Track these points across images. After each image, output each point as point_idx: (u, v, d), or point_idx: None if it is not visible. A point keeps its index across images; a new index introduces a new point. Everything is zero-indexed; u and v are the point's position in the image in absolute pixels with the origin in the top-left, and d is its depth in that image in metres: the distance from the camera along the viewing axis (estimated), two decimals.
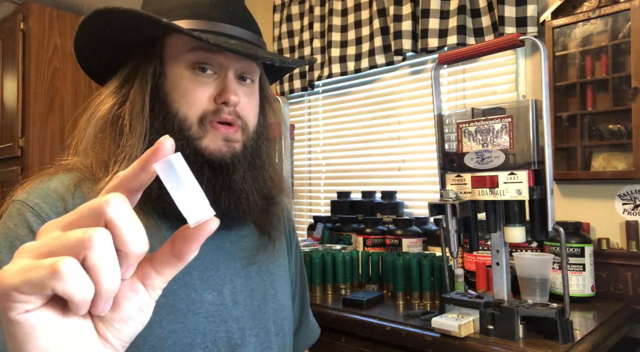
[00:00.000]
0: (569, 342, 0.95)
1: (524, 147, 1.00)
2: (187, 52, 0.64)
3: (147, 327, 0.59)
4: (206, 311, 0.64)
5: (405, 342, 1.07)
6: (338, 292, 1.40)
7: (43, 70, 2.49)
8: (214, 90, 0.65)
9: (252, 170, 0.69)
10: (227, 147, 0.65)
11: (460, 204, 1.03)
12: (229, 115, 0.64)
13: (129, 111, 0.64)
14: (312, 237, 1.84)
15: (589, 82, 1.45)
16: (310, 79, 2.21)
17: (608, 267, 1.36)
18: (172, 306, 0.62)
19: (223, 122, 0.65)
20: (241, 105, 0.66)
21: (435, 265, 1.28)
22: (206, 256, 0.67)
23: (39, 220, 0.58)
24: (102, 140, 0.65)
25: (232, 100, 0.64)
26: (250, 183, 0.68)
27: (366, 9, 2.02)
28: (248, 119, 0.68)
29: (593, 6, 1.44)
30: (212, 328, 0.64)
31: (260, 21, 2.66)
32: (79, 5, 2.73)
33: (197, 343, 0.62)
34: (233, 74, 0.66)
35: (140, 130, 0.63)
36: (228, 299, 0.67)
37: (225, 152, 0.65)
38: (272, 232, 0.75)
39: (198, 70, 0.64)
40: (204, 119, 0.64)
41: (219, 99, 0.64)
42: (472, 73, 1.79)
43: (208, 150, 0.64)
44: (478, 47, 1.12)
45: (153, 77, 0.65)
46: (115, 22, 0.62)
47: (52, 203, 0.60)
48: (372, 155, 2.11)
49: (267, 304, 0.72)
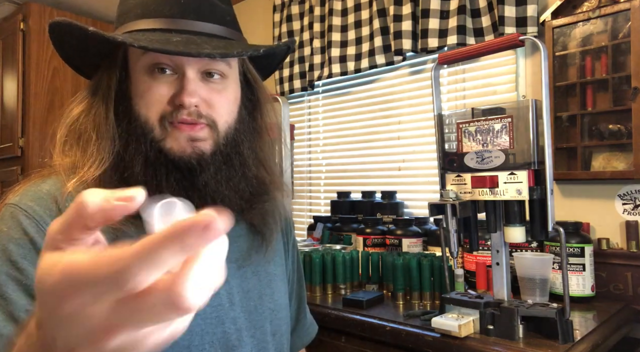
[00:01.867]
0: (569, 342, 0.95)
1: (524, 147, 1.00)
2: (142, 55, 0.62)
3: None
4: (203, 312, 0.64)
5: (405, 342, 1.07)
6: (338, 292, 1.40)
7: (43, 70, 2.49)
8: (172, 90, 0.63)
9: (228, 170, 0.66)
10: (192, 147, 0.63)
11: (460, 204, 1.03)
12: (188, 116, 0.62)
13: (94, 118, 0.64)
14: (312, 237, 1.84)
15: (589, 82, 1.45)
16: (310, 79, 2.21)
17: (608, 267, 1.36)
18: None
19: (184, 122, 0.63)
20: (207, 103, 0.64)
21: (435, 265, 1.28)
22: None
23: (32, 223, 0.58)
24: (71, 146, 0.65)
25: (186, 102, 0.61)
26: (225, 183, 0.66)
27: (366, 9, 2.02)
28: (217, 116, 0.65)
29: (593, 6, 1.44)
30: (209, 330, 0.64)
31: (260, 21, 2.63)
32: (79, 5, 2.73)
33: (195, 345, 0.62)
34: (195, 73, 0.63)
35: (107, 135, 0.63)
36: (224, 300, 0.67)
37: (190, 153, 0.63)
38: (265, 233, 0.74)
39: (157, 72, 0.62)
40: (163, 119, 0.62)
41: (175, 100, 0.62)
42: (472, 73, 1.79)
43: (172, 152, 0.63)
44: (478, 47, 1.12)
45: (118, 82, 0.65)
46: (72, 33, 0.62)
47: (46, 205, 0.60)
48: (372, 155, 2.11)
49: (263, 305, 0.72)
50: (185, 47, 0.58)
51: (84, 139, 0.64)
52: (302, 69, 2.24)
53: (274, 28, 2.40)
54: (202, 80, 0.64)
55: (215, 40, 0.64)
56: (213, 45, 0.62)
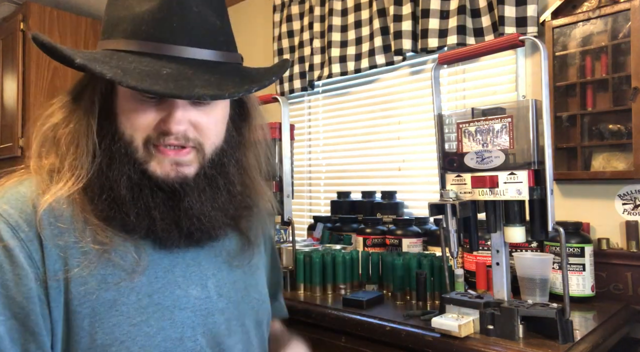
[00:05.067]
0: (569, 342, 0.95)
1: (524, 147, 1.00)
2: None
3: (135, 327, 0.60)
4: (192, 305, 0.66)
5: (405, 342, 1.07)
6: (338, 292, 1.40)
7: (43, 70, 2.49)
8: (159, 116, 0.61)
9: (212, 191, 0.66)
10: (176, 172, 0.63)
11: (460, 204, 1.03)
12: (175, 140, 0.61)
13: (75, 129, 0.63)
14: (312, 237, 1.84)
15: (589, 82, 1.45)
16: (310, 79, 2.21)
17: (608, 267, 1.36)
18: (157, 304, 0.63)
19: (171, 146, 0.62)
20: (195, 127, 0.63)
21: (435, 265, 1.28)
22: (186, 254, 0.68)
23: (7, 227, 0.57)
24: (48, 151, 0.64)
25: (173, 130, 0.60)
26: (209, 204, 0.65)
27: (366, 9, 2.02)
28: (204, 138, 0.64)
29: (593, 6, 1.44)
30: (199, 321, 0.66)
31: (260, 21, 2.63)
32: (79, 5, 2.73)
33: (187, 337, 0.64)
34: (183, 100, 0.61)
35: (87, 149, 0.62)
36: (212, 293, 0.69)
37: (174, 177, 0.62)
38: (251, 237, 0.76)
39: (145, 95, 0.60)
40: (148, 143, 0.61)
41: (162, 126, 0.61)
42: (472, 73, 1.79)
43: (155, 176, 0.62)
44: (478, 47, 1.12)
45: (103, 95, 0.64)
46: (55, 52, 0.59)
47: (21, 209, 0.59)
48: (372, 156, 2.11)
49: (249, 295, 0.75)
50: (175, 84, 0.56)
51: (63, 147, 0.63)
52: (302, 69, 2.24)
53: (274, 28, 2.40)
54: (191, 103, 0.63)
55: (207, 73, 0.60)
56: (205, 79, 0.59)
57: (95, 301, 0.59)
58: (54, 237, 0.59)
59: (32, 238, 0.58)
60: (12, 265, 0.56)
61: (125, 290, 0.61)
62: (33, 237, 0.58)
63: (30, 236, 0.58)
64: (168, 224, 0.63)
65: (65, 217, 0.60)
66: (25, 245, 0.57)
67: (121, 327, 0.59)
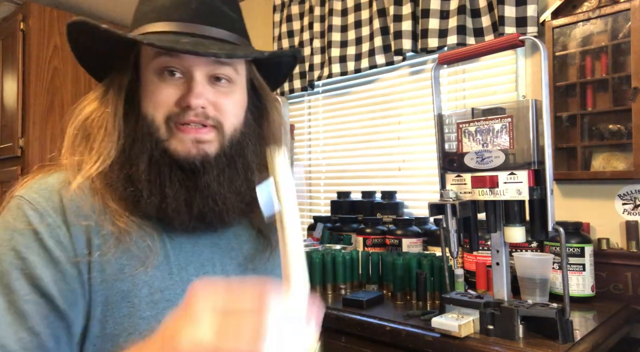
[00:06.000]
0: (569, 342, 0.95)
1: (524, 147, 1.00)
2: (153, 58, 0.65)
3: (144, 321, 0.60)
4: None
5: (405, 342, 1.07)
6: (338, 292, 1.40)
7: (43, 70, 2.49)
8: (179, 92, 0.64)
9: (231, 172, 0.68)
10: (197, 149, 0.65)
11: (460, 204, 1.03)
12: (195, 117, 0.64)
13: (103, 116, 0.66)
14: (312, 237, 1.84)
15: (589, 82, 1.45)
16: (310, 79, 2.21)
17: (608, 267, 1.36)
18: (168, 300, 0.63)
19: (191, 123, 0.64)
20: (214, 106, 0.66)
21: (435, 265, 1.28)
22: (202, 253, 0.69)
23: (36, 214, 0.60)
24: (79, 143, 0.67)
25: (193, 103, 0.63)
26: (227, 185, 0.67)
27: (366, 9, 2.02)
28: (224, 119, 0.67)
29: (593, 6, 1.44)
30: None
31: (260, 21, 2.63)
32: (79, 5, 2.73)
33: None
34: (202, 76, 0.65)
35: (113, 132, 0.65)
36: None
37: (195, 154, 0.64)
38: (271, 238, 0.76)
39: (167, 74, 0.64)
40: (169, 121, 0.64)
41: (182, 101, 0.64)
42: (472, 73, 1.79)
43: (176, 153, 0.64)
44: (478, 47, 1.12)
45: (129, 83, 0.67)
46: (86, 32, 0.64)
47: (49, 197, 0.62)
48: (372, 156, 2.11)
49: None
50: (193, 47, 0.61)
51: (92, 137, 0.66)
52: (302, 69, 2.24)
53: (274, 28, 2.40)
54: (210, 84, 0.66)
55: (222, 44, 0.66)
56: (220, 47, 0.64)
57: (110, 290, 0.60)
58: (79, 223, 0.61)
59: (60, 224, 0.60)
60: (41, 248, 0.58)
61: (139, 282, 0.61)
62: (61, 223, 0.60)
63: (58, 221, 0.60)
64: (179, 204, 0.64)
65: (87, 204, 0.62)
66: (54, 230, 0.59)
67: (131, 319, 0.60)
